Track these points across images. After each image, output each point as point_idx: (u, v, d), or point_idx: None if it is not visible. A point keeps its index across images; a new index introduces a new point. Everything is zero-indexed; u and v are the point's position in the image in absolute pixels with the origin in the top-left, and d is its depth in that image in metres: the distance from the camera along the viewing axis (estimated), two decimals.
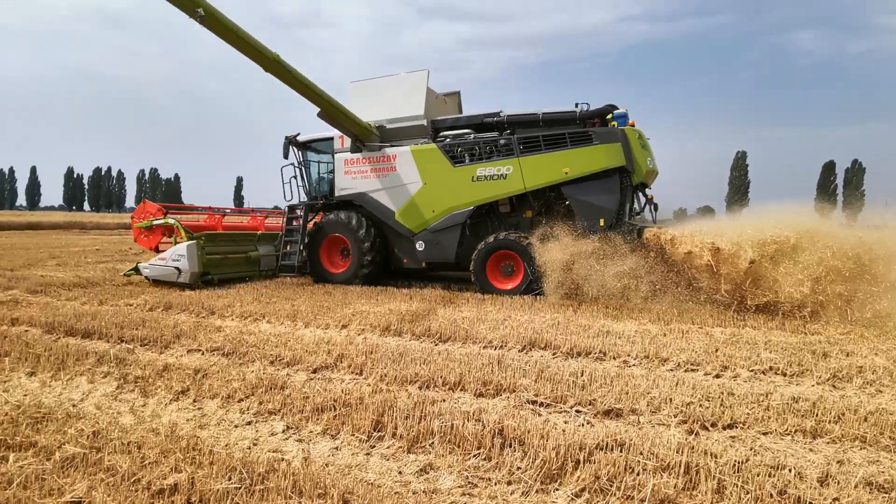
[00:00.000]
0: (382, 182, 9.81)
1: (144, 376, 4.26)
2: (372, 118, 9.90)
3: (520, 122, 9.06)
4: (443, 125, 9.71)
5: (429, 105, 9.70)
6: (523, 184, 8.77)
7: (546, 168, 8.62)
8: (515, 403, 3.74)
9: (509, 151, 8.88)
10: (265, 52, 8.60)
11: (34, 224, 35.03)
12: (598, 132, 8.43)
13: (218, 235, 10.57)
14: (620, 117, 8.53)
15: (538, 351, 5.19)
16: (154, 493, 2.48)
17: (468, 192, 9.13)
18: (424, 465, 2.84)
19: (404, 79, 9.97)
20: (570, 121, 8.77)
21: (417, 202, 9.54)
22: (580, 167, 8.41)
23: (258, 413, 3.55)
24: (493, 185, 8.96)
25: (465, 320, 6.40)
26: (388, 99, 9.97)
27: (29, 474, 2.64)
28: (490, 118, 9.26)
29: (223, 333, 5.65)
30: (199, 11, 7.83)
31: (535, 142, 8.73)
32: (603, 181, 8.37)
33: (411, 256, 9.82)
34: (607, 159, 8.28)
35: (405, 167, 9.59)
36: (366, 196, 9.97)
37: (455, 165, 9.22)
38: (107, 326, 5.83)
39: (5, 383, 4.15)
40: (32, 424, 3.29)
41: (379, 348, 5.07)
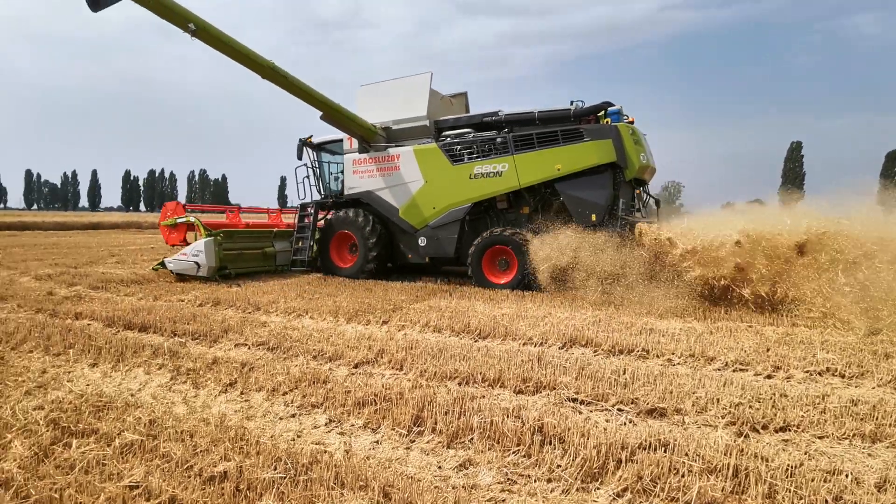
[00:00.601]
0: (387, 181, 10.27)
1: (195, 369, 4.45)
2: (379, 120, 10.35)
3: (517, 120, 9.31)
4: (445, 125, 10.04)
5: (431, 106, 10.05)
6: (518, 181, 9.04)
7: (539, 165, 8.86)
8: (555, 401, 3.71)
9: (505, 149, 9.15)
10: (259, 60, 8.96)
11: (95, 224, 37.07)
12: (588, 129, 8.60)
13: (235, 232, 11.06)
14: (614, 114, 8.68)
15: (579, 348, 5.12)
16: (205, 479, 2.59)
17: (466, 190, 9.46)
18: (464, 461, 2.86)
19: (408, 82, 10.34)
20: (564, 118, 8.98)
21: (419, 200, 9.95)
22: (572, 164, 8.64)
23: (302, 406, 3.65)
24: (489, 183, 9.27)
25: (505, 317, 6.37)
26: (394, 101, 10.37)
27: (90, 459, 2.81)
28: (489, 117, 9.56)
29: (268, 329, 5.83)
30: (191, 26, 8.17)
31: (529, 140, 8.98)
32: (594, 177, 8.59)
33: (415, 252, 10.21)
34: (598, 155, 8.47)
35: (408, 166, 10.00)
36: (372, 194, 10.44)
37: (454, 164, 9.56)
38: (161, 321, 6.11)
39: (70, 373, 4.42)
40: (94, 412, 3.49)
41: (419, 344, 5.11)
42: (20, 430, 3.18)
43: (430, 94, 10.04)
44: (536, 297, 7.92)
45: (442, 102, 10.82)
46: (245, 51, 8.86)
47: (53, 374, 4.38)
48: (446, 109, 10.85)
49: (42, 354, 4.94)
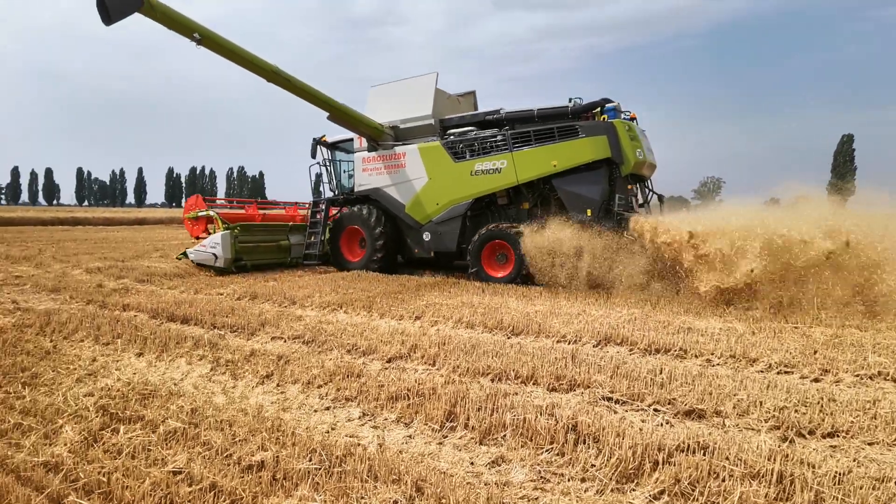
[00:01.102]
0: (393, 178, 10.67)
1: (234, 360, 4.57)
2: (388, 119, 10.78)
3: (517, 118, 9.59)
4: (450, 123, 10.36)
5: (437, 105, 10.39)
6: (516, 177, 9.26)
7: (537, 161, 9.07)
8: (590, 399, 3.65)
9: (504, 147, 9.39)
10: (263, 64, 9.36)
11: (141, 220, 38.55)
12: (584, 126, 8.77)
13: (252, 226, 11.53)
14: (610, 110, 8.89)
15: (614, 347, 5.03)
16: (244, 467, 2.66)
17: (467, 186, 9.75)
18: (496, 458, 2.84)
19: (415, 82, 10.72)
20: (562, 116, 9.18)
21: (423, 196, 10.30)
22: (567, 160, 8.81)
23: (336, 399, 3.70)
24: (489, 179, 9.53)
25: (538, 314, 6.31)
26: (401, 101, 10.77)
27: (137, 445, 2.92)
28: (491, 115, 9.86)
29: (303, 322, 5.94)
30: (196, 35, 8.63)
31: (527, 137, 9.21)
32: (589, 173, 8.75)
33: (420, 246, 10.58)
34: (593, 151, 8.61)
35: (413, 164, 10.38)
36: (380, 191, 10.85)
37: (456, 161, 9.86)
38: (201, 314, 6.31)
39: (118, 362, 4.61)
40: (140, 400, 3.63)
41: (451, 340, 5.12)
42: (71, 416, 3.34)
43: (436, 93, 10.39)
44: (570, 294, 7.82)
45: (449, 101, 11.17)
46: (249, 56, 9.25)
47: (103, 362, 4.58)
48: (453, 108, 11.14)
49: (92, 344, 5.17)
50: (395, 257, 11.08)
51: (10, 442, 3.02)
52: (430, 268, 11.20)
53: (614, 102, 8.98)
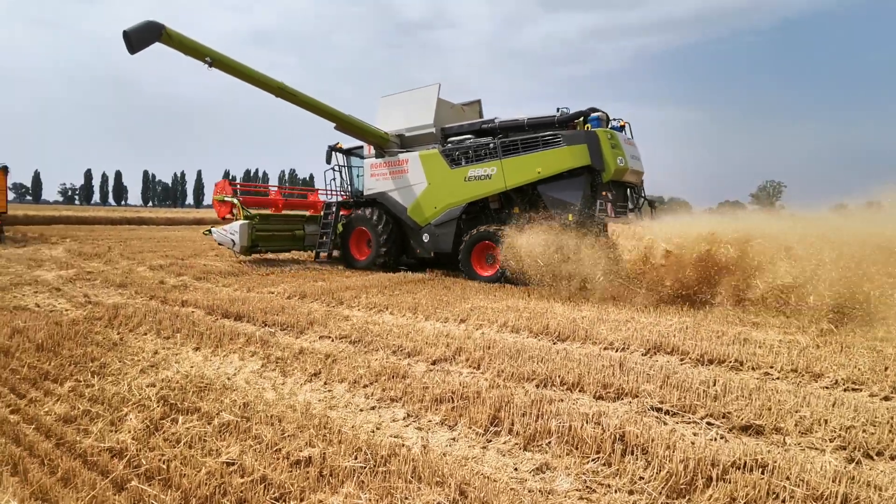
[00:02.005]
0: (397, 183, 11.38)
1: (283, 358, 4.71)
2: (395, 127, 11.57)
3: (509, 127, 10.23)
4: (450, 132, 11.04)
5: (439, 115, 11.06)
6: (504, 183, 9.80)
7: (523, 168, 9.57)
8: (638, 409, 3.55)
9: (494, 154, 9.94)
10: (270, 81, 10.22)
11: (199, 220, 40.35)
12: (565, 135, 9.24)
13: (271, 216, 12.83)
14: (594, 120, 9.31)
15: (663, 356, 4.87)
16: (293, 462, 2.74)
17: (462, 191, 10.36)
18: (541, 464, 2.81)
19: (419, 92, 11.39)
20: (550, 125, 9.69)
21: (423, 200, 10.98)
22: (550, 167, 9.28)
23: (381, 399, 3.75)
24: (480, 185, 10.11)
25: (585, 320, 6.19)
26: (407, 110, 11.50)
27: (193, 435, 3.06)
28: (486, 124, 10.55)
29: (350, 322, 6.05)
30: (207, 59, 9.53)
31: (515, 145, 9.72)
32: (571, 179, 9.17)
33: (421, 247, 11.24)
34: (573, 159, 9.07)
35: (414, 170, 11.04)
36: (386, 195, 11.57)
37: (452, 168, 10.48)
38: (253, 311, 6.54)
39: (177, 355, 4.84)
40: (197, 392, 3.80)
41: (496, 344, 5.09)
42: (135, 405, 3.53)
43: (438, 103, 11.04)
44: (618, 300, 7.63)
45: (453, 110, 11.83)
46: (256, 74, 10.12)
47: (163, 355, 4.82)
48: (457, 117, 11.75)
49: (154, 337, 5.46)
50: (400, 257, 11.78)
51: (79, 428, 3.23)
52: (430, 267, 11.64)
53: (600, 112, 9.45)
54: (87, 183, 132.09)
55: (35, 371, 4.24)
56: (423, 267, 11.71)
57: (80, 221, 32.90)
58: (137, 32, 8.98)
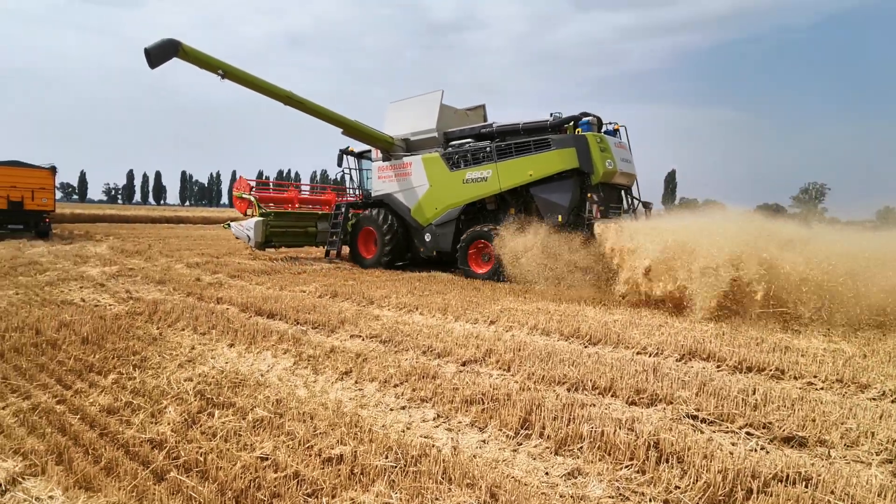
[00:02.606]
0: (402, 185, 11.87)
1: (315, 356, 4.78)
2: (402, 132, 12.07)
3: (506, 131, 10.53)
4: (452, 136, 11.47)
5: (441, 120, 11.52)
6: (499, 185, 10.21)
7: (516, 171, 9.97)
8: (673, 416, 3.46)
9: (490, 158, 10.36)
10: (278, 90, 10.94)
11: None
12: (555, 139, 9.58)
13: (285, 213, 13.52)
14: (584, 124, 9.65)
15: (699, 362, 4.74)
16: (324, 459, 2.77)
17: (460, 193, 10.80)
18: (572, 469, 2.77)
19: (423, 98, 11.90)
20: (543, 129, 10.00)
21: (425, 201, 11.44)
22: (541, 170, 9.65)
23: (411, 399, 3.77)
24: (477, 187, 10.54)
25: (617, 323, 6.09)
26: (412, 116, 11.98)
27: (229, 430, 3.13)
28: (485, 129, 10.91)
29: (381, 322, 6.10)
30: (220, 72, 10.31)
31: (509, 149, 10.12)
32: (561, 182, 9.53)
33: (424, 246, 11.66)
34: (562, 162, 9.40)
35: (417, 172, 11.53)
36: (391, 196, 12.08)
37: (452, 170, 10.93)
38: (286, 309, 6.65)
39: (213, 351, 4.96)
40: (232, 388, 3.89)
41: (526, 346, 5.05)
42: (174, 398, 3.64)
43: (441, 109, 11.51)
44: (651, 305, 7.47)
45: (456, 115, 12.26)
46: (264, 84, 10.86)
47: (200, 350, 4.95)
48: (461, 121, 12.17)
49: (191, 333, 5.61)
50: (405, 255, 12.23)
51: (122, 419, 3.34)
52: (430, 266, 12.18)
53: (591, 117, 9.76)
54: (129, 183, 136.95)
55: (80, 363, 4.41)
56: (422, 265, 12.22)
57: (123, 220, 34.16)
58: (156, 49, 9.81)
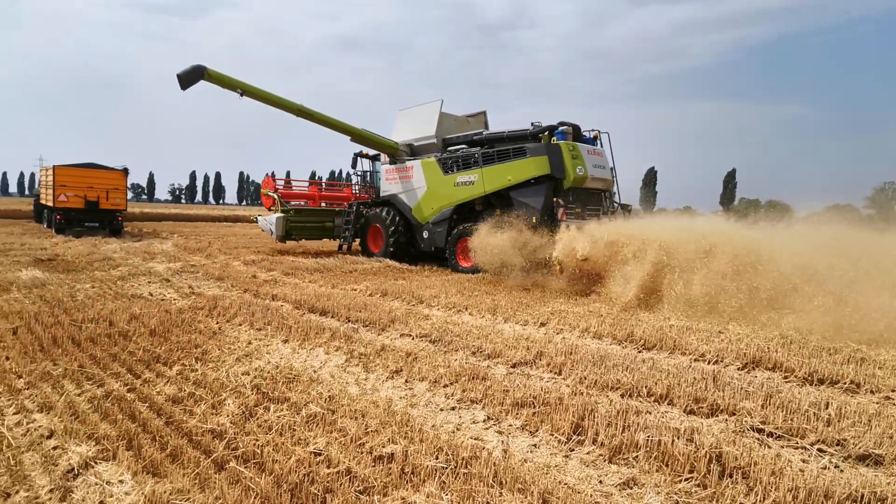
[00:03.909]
0: (405, 186, 13.06)
1: (366, 354, 4.85)
2: (407, 138, 13.25)
3: (493, 138, 11.65)
4: (450, 142, 12.57)
5: (441, 127, 12.69)
6: (484, 188, 11.29)
7: (498, 176, 11.02)
8: (736, 428, 3.29)
9: (477, 163, 11.42)
10: (290, 104, 12.56)
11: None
12: (530, 147, 10.64)
13: (305, 210, 15.26)
14: (559, 133, 10.57)
15: (764, 371, 4.50)
16: (375, 457, 2.80)
17: (452, 194, 11.93)
18: (627, 479, 2.68)
19: (425, 107, 13.13)
20: (524, 137, 11.04)
21: (423, 202, 12.60)
22: (518, 175, 10.69)
23: (461, 400, 3.75)
24: (466, 189, 11.65)
25: (673, 328, 5.87)
26: (415, 123, 13.18)
27: (284, 424, 3.21)
28: (476, 136, 12.01)
29: (430, 322, 6.12)
30: (238, 90, 11.95)
31: (492, 156, 11.16)
32: (535, 186, 10.49)
33: (423, 242, 12.78)
34: (536, 169, 10.44)
35: (417, 175, 12.70)
36: (396, 197, 13.30)
37: (445, 174, 12.06)
38: (337, 307, 6.79)
39: (268, 347, 5.13)
40: (286, 383, 4.00)
41: (578, 349, 4.94)
42: (232, 391, 3.77)
43: (440, 116, 12.67)
44: (709, 309, 7.15)
45: (457, 122, 13.34)
46: (277, 99, 12.50)
47: (256, 345, 5.13)
48: (461, 128, 13.20)
49: (248, 328, 5.82)
50: (408, 250, 13.22)
51: (185, 409, 3.49)
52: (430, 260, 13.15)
53: (566, 126, 10.69)
54: (191, 183, 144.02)
55: (148, 354, 4.65)
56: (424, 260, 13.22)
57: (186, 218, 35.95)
58: (186, 74, 11.70)
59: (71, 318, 5.76)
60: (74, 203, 18.25)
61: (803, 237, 7.66)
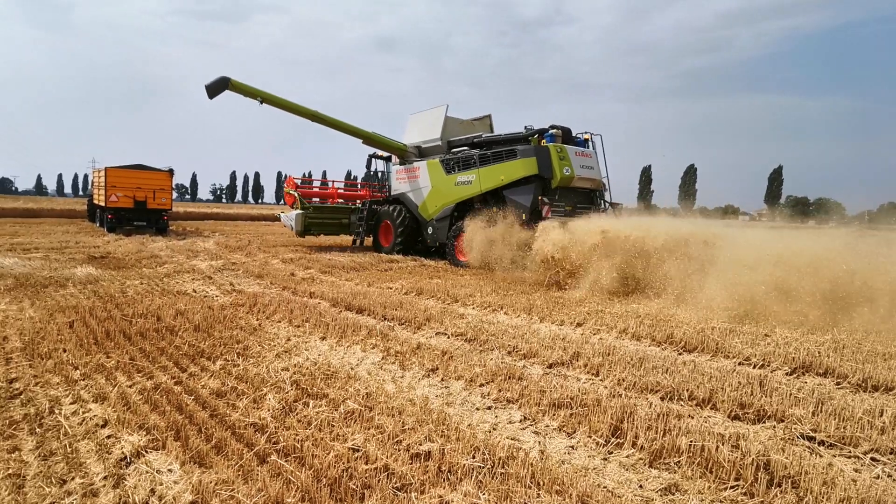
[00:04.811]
0: (412, 186, 14.02)
1: (402, 352, 4.89)
2: (415, 140, 14.22)
3: (491, 141, 12.49)
4: (454, 144, 13.50)
5: (446, 130, 13.59)
6: (480, 187, 12.06)
7: (492, 176, 11.79)
8: (784, 436, 3.17)
9: (475, 164, 12.22)
10: (306, 110, 13.93)
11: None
12: (521, 149, 11.35)
13: (323, 207, 16.42)
14: (548, 136, 11.29)
15: (814, 377, 4.31)
16: (413, 455, 2.82)
17: (452, 193, 12.78)
18: (669, 485, 2.61)
19: (432, 112, 14.05)
20: (518, 140, 11.79)
21: (428, 200, 13.49)
22: (509, 175, 11.44)
23: (497, 399, 3.74)
24: (464, 188, 12.46)
25: (715, 330, 5.69)
26: (423, 127, 14.13)
27: (322, 420, 3.27)
28: (476, 138, 12.91)
29: (465, 320, 6.13)
30: (259, 99, 13.33)
31: (488, 157, 11.96)
32: (525, 186, 11.23)
33: (429, 238, 13.67)
34: (525, 169, 11.18)
35: (423, 175, 13.62)
36: (405, 195, 14.23)
37: (447, 174, 12.90)
38: (373, 305, 6.87)
39: (306, 343, 5.23)
40: (324, 379, 4.07)
41: (616, 350, 4.85)
42: (272, 386, 3.87)
43: (445, 120, 13.56)
44: (754, 310, 6.90)
45: (462, 126, 14.24)
46: (294, 106, 13.79)
47: (295, 342, 5.24)
48: (466, 131, 14.06)
49: (287, 325, 5.95)
50: (415, 245, 14.15)
51: (228, 402, 3.60)
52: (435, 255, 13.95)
53: (556, 129, 11.39)
54: (231, 183, 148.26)
55: (193, 349, 4.82)
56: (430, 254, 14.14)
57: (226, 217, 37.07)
58: (213, 85, 13.18)
59: (122, 312, 6.02)
60: (124, 203, 19.08)
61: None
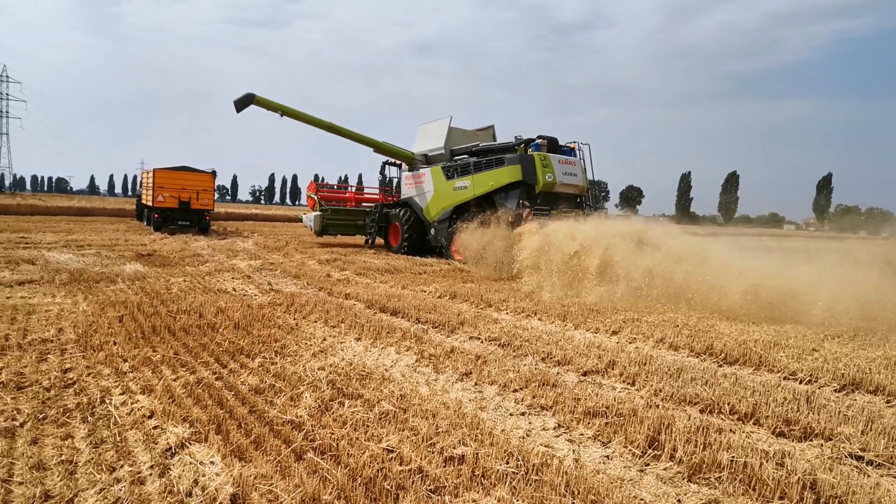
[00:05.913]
0: (417, 190, 15.34)
1: (436, 355, 4.91)
2: (423, 149, 15.54)
3: (486, 150, 13.63)
4: (456, 152, 14.61)
5: (449, 140, 14.82)
6: (473, 192, 13.29)
7: (484, 182, 13.02)
8: (832, 455, 3.05)
9: (470, 171, 13.44)
10: (322, 122, 15.57)
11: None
12: (507, 157, 12.59)
13: (340, 209, 17.96)
14: (534, 145, 12.47)
15: (865, 395, 4.13)
16: (446, 458, 2.83)
17: (451, 197, 14.01)
18: (709, 500, 2.55)
19: (437, 123, 15.38)
20: (508, 149, 12.96)
21: (431, 203, 14.76)
22: (498, 181, 12.65)
23: (531, 406, 3.72)
24: (461, 193, 13.70)
25: (758, 343, 5.50)
26: (430, 136, 15.49)
27: (357, 420, 3.32)
28: (474, 148, 14.03)
29: (499, 325, 6.11)
30: (279, 112, 14.95)
31: (480, 165, 13.17)
32: (512, 191, 12.43)
33: (432, 238, 14.79)
34: (510, 176, 12.40)
35: (427, 181, 14.95)
36: (412, 199, 15.57)
37: (447, 180, 14.17)
38: (407, 308, 6.92)
39: (342, 344, 5.32)
40: (359, 380, 4.13)
41: (653, 360, 4.75)
42: (309, 385, 3.95)
43: (449, 130, 14.84)
44: (798, 321, 6.65)
45: (465, 135, 15.44)
46: (312, 118, 15.42)
47: (330, 342, 5.33)
48: (469, 140, 15.18)
49: (323, 325, 6.06)
50: (420, 245, 15.18)
51: (266, 399, 3.70)
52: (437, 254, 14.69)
53: (542, 139, 12.52)
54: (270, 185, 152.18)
55: (233, 346, 4.96)
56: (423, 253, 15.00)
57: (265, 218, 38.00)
58: (240, 100, 14.82)
59: (167, 308, 6.25)
60: (170, 203, 19.82)
61: None
